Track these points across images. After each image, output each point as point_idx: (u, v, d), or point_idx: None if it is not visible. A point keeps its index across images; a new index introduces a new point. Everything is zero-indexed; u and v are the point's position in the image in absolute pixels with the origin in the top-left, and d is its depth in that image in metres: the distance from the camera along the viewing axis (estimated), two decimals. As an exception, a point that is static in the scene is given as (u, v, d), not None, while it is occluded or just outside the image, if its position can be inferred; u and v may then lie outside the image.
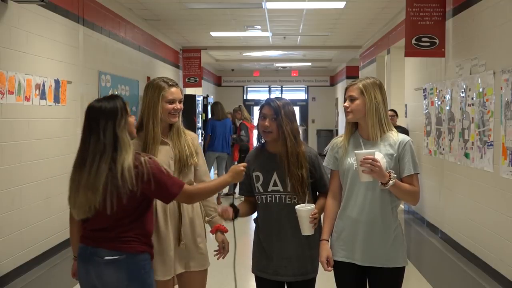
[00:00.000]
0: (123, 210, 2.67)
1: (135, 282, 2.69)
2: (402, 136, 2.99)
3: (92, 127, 2.69)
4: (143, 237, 2.75)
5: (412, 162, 2.90)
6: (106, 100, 2.75)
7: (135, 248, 2.70)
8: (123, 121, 2.70)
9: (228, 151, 10.85)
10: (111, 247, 2.69)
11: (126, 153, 2.64)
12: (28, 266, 5.34)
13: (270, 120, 3.13)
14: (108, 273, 2.68)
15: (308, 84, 21.82)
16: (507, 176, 4.81)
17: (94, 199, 2.63)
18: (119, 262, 2.67)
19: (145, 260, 2.74)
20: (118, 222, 2.69)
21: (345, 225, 2.97)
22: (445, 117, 6.63)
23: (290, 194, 3.12)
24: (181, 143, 3.27)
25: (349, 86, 3.01)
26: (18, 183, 5.20)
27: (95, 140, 2.66)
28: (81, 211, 2.68)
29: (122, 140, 2.66)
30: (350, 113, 2.95)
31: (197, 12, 9.37)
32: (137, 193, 2.64)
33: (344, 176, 2.99)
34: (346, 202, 2.98)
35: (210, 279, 4.93)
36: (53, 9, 5.94)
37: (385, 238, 2.91)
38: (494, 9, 5.24)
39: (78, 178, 2.68)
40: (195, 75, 13.09)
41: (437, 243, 6.71)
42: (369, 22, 10.26)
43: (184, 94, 12.63)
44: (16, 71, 5.11)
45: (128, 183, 2.60)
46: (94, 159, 2.64)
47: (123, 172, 2.60)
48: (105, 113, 2.69)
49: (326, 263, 2.97)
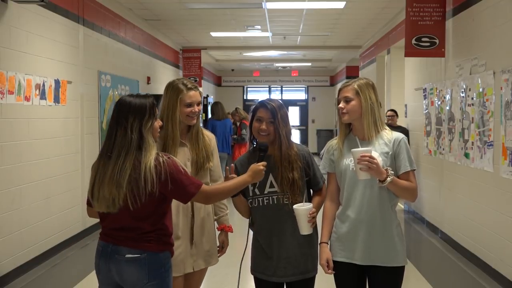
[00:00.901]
0: (143, 210, 2.68)
1: (155, 280, 2.71)
2: (396, 134, 3.01)
3: (120, 121, 2.70)
4: (163, 236, 2.76)
5: (408, 159, 2.91)
6: (137, 97, 2.76)
7: (156, 247, 2.72)
8: (150, 122, 2.71)
9: (228, 151, 10.86)
10: (133, 245, 2.71)
11: (149, 154, 2.66)
12: (28, 266, 5.34)
13: (267, 123, 3.12)
14: (128, 271, 2.70)
15: (308, 84, 21.83)
16: (507, 176, 4.81)
17: (117, 194, 2.64)
18: (140, 260, 2.69)
19: (166, 259, 2.77)
20: (138, 222, 2.70)
21: (345, 226, 2.97)
22: (445, 117, 6.63)
23: (287, 195, 3.13)
24: (199, 145, 3.32)
25: (343, 87, 3.00)
26: (18, 183, 5.19)
27: (122, 134, 2.68)
28: (103, 205, 2.69)
29: (147, 141, 2.68)
30: (346, 114, 2.95)
31: (197, 12, 9.37)
32: (155, 193, 2.66)
33: (341, 177, 2.99)
34: (344, 203, 2.99)
35: (211, 279, 4.94)
36: (53, 9, 5.94)
37: (384, 237, 2.92)
38: (494, 9, 5.24)
39: (103, 169, 2.69)
40: (195, 75, 13.09)
41: (437, 243, 6.71)
42: (369, 22, 10.26)
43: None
44: (16, 71, 5.11)
45: (149, 184, 2.62)
46: (120, 153, 2.66)
47: (146, 172, 2.62)
48: (134, 109, 2.70)
49: (327, 266, 2.97)
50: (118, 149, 2.67)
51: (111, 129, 2.73)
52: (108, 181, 2.66)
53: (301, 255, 3.14)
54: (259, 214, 3.18)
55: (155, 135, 2.77)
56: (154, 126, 2.74)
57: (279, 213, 3.13)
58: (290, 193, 3.10)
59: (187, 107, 3.25)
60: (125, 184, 2.63)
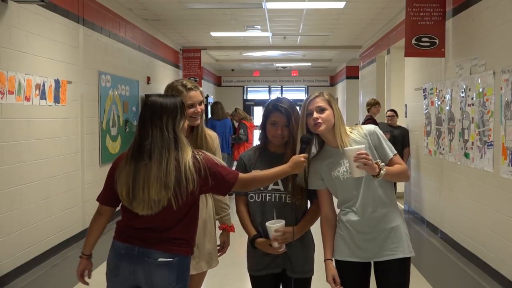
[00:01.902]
0: (180, 211, 2.67)
1: (181, 283, 2.72)
2: (366, 127, 3.04)
3: (155, 121, 2.66)
4: (191, 240, 2.77)
5: (387, 146, 2.98)
6: (168, 98, 2.74)
7: (186, 251, 2.73)
8: (182, 122, 2.71)
9: (228, 151, 10.86)
10: (164, 249, 2.67)
11: (186, 153, 2.65)
12: (28, 266, 5.34)
13: (282, 128, 3.11)
14: (159, 274, 2.67)
15: (308, 84, 21.83)
16: (507, 176, 4.81)
17: (166, 195, 2.61)
18: (172, 264, 2.68)
19: (189, 262, 2.79)
20: (168, 223, 2.68)
21: (346, 226, 2.98)
22: (445, 117, 6.63)
23: (290, 194, 3.13)
24: (203, 147, 3.29)
25: (311, 99, 2.98)
26: (18, 183, 5.20)
27: (160, 135, 2.64)
28: (146, 206, 2.63)
29: (181, 140, 2.68)
30: (322, 124, 2.93)
31: (197, 12, 9.37)
32: (196, 191, 2.65)
33: (335, 189, 3.00)
34: (343, 207, 3.00)
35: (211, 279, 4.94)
36: (53, 9, 5.94)
37: (388, 230, 2.94)
38: (494, 9, 5.24)
39: (145, 170, 2.63)
40: (195, 75, 13.10)
41: (437, 243, 6.71)
42: (369, 22, 10.26)
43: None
44: (16, 71, 5.11)
45: (190, 183, 2.61)
46: (162, 154, 2.62)
47: (186, 172, 2.61)
48: (167, 109, 2.68)
49: (334, 283, 2.99)
50: (159, 150, 2.62)
51: (145, 130, 2.66)
52: (154, 182, 2.61)
53: (298, 255, 3.14)
54: (257, 209, 3.18)
55: (184, 134, 2.77)
56: (184, 125, 2.74)
57: (279, 211, 3.13)
58: (297, 192, 3.10)
59: (189, 108, 3.21)
60: (172, 185, 2.60)
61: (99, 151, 7.36)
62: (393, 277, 2.98)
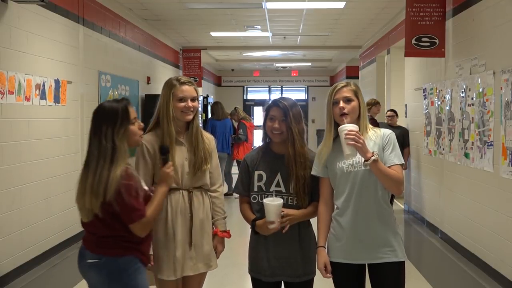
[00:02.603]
0: (109, 216, 2.72)
1: (116, 284, 2.74)
2: (384, 130, 3.03)
3: (96, 130, 2.74)
4: (126, 242, 2.77)
5: (395, 153, 2.93)
6: (110, 103, 2.78)
7: (116, 252, 2.75)
8: (122, 129, 2.72)
9: (228, 151, 10.87)
10: (94, 250, 2.76)
11: (118, 167, 2.68)
12: (28, 266, 5.34)
13: (279, 122, 3.12)
14: (90, 274, 2.77)
15: (308, 84, 21.83)
16: (507, 176, 4.81)
17: (96, 203, 2.68)
18: (99, 265, 2.74)
19: (128, 263, 2.77)
20: (105, 226, 2.74)
21: (341, 226, 2.97)
22: (445, 117, 6.63)
23: (292, 195, 3.12)
24: (198, 147, 3.26)
25: (339, 89, 2.97)
26: (18, 183, 5.19)
27: (98, 144, 2.72)
28: (84, 214, 2.75)
29: (119, 150, 2.71)
30: (347, 116, 2.93)
31: (197, 12, 9.37)
32: (112, 204, 2.70)
33: (335, 179, 2.99)
34: (339, 204, 2.99)
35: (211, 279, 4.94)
36: (53, 9, 5.94)
37: (382, 234, 2.93)
38: (494, 9, 5.24)
39: (84, 179, 2.74)
40: (195, 75, 13.10)
41: (437, 243, 6.71)
42: (369, 22, 10.26)
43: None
44: (16, 71, 5.11)
45: (108, 194, 2.65)
46: (98, 164, 2.70)
47: (112, 182, 2.66)
48: (106, 117, 2.73)
49: (325, 270, 2.98)
50: (96, 160, 2.71)
51: (90, 139, 2.79)
52: (88, 192, 2.69)
53: (298, 258, 3.14)
54: (259, 210, 3.17)
55: (133, 139, 2.79)
56: (130, 130, 2.75)
57: None
58: (301, 192, 3.10)
59: (179, 101, 3.20)
60: (102, 194, 2.66)
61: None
62: (387, 281, 2.96)
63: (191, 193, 3.24)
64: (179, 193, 3.21)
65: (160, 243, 3.23)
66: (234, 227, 3.61)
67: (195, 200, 3.24)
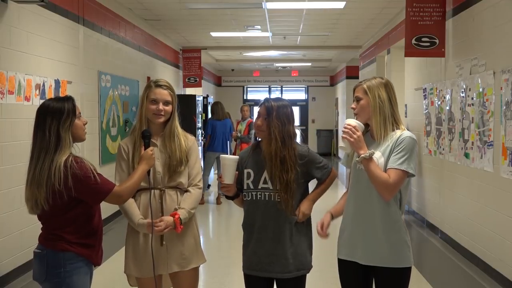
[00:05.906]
0: (54, 208, 2.77)
1: (52, 279, 2.80)
2: (404, 132, 2.93)
3: (40, 124, 2.81)
4: (71, 237, 2.82)
5: (401, 157, 2.81)
6: (56, 100, 2.87)
7: (56, 246, 2.81)
8: (68, 121, 2.81)
9: (228, 151, 10.84)
10: (41, 241, 2.88)
11: (62, 154, 2.75)
12: (28, 266, 5.34)
13: (262, 119, 3.17)
14: (35, 263, 2.88)
15: (308, 84, 21.82)
16: (507, 176, 4.81)
17: (39, 194, 2.74)
18: (41, 256, 2.83)
19: (68, 260, 2.81)
20: (52, 219, 2.83)
21: (347, 224, 2.97)
22: (445, 117, 6.63)
23: (279, 191, 3.13)
24: (172, 147, 3.24)
25: (355, 87, 3.02)
26: (18, 183, 5.19)
27: (41, 136, 2.78)
28: (28, 205, 2.81)
29: (64, 140, 2.78)
30: (357, 115, 2.95)
31: (197, 12, 9.37)
32: (64, 193, 2.73)
33: (351, 173, 3.01)
34: (348, 200, 3.00)
35: (210, 279, 4.94)
36: (53, 9, 5.94)
37: (386, 237, 2.88)
38: (494, 9, 5.24)
39: (28, 172, 2.80)
40: (195, 75, 13.09)
41: (437, 243, 6.71)
42: (369, 22, 10.26)
43: (184, 94, 12.67)
44: (16, 71, 5.11)
45: (57, 182, 2.70)
46: (40, 155, 2.76)
47: (55, 171, 2.71)
48: (52, 112, 2.81)
49: (321, 228, 3.01)
50: (38, 151, 2.77)
51: (34, 133, 2.83)
52: (30, 182, 2.77)
53: (288, 254, 3.14)
54: (250, 207, 3.20)
55: (79, 132, 2.87)
56: (75, 124, 2.84)
57: (269, 210, 3.14)
58: (284, 193, 3.11)
59: (152, 103, 3.21)
60: (44, 183, 2.72)
61: (99, 151, 7.36)
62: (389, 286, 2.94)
63: (163, 192, 3.22)
64: (150, 193, 3.20)
65: (131, 242, 3.23)
66: (234, 227, 3.62)
67: (168, 199, 3.22)
